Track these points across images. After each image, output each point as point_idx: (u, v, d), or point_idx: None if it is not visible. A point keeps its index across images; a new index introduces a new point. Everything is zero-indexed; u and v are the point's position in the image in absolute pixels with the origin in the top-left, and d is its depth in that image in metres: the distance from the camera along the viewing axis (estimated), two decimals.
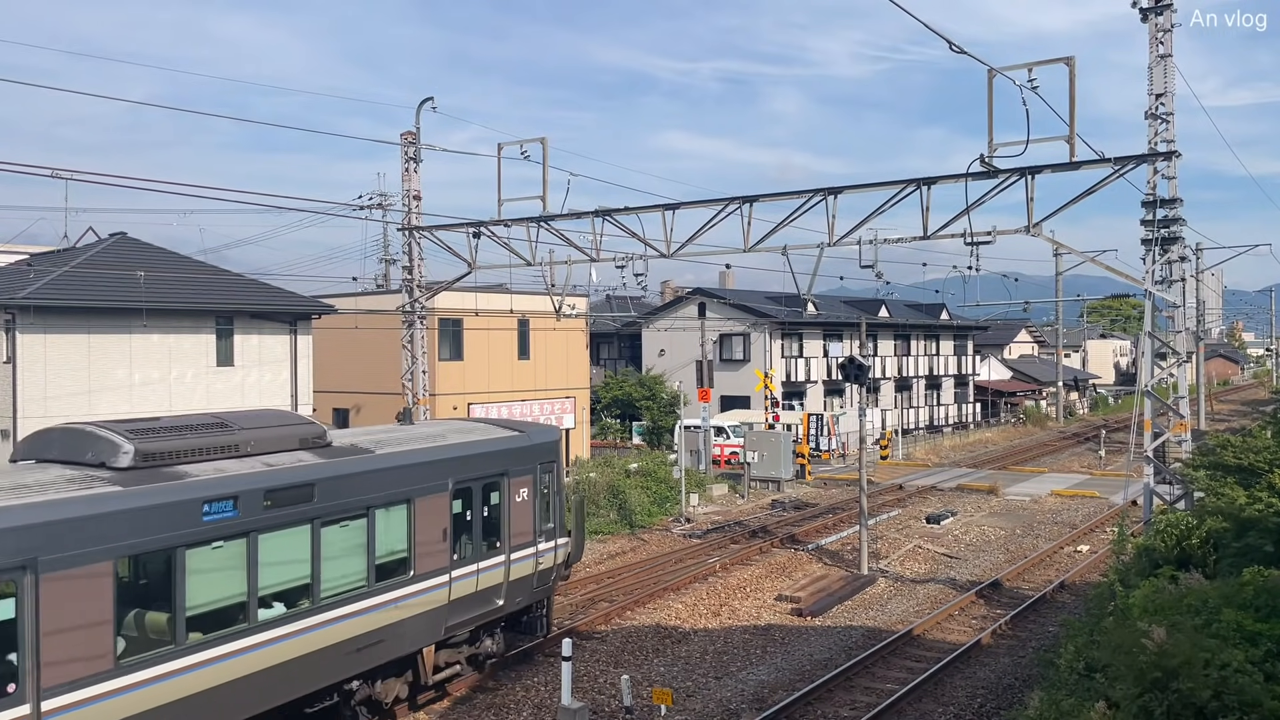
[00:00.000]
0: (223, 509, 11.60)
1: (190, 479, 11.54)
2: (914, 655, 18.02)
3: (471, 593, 15.40)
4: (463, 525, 15.35)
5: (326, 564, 12.91)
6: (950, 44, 14.99)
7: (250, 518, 11.87)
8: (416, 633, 14.44)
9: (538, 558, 16.85)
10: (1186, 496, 19.17)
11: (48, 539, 9.84)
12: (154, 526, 10.87)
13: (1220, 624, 10.03)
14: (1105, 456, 45.88)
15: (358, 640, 13.36)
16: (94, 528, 10.25)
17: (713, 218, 23.13)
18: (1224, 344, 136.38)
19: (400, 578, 14.07)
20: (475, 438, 16.28)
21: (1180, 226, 19.30)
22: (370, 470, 13.71)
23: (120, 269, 27.71)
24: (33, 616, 9.68)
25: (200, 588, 11.36)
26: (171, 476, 11.45)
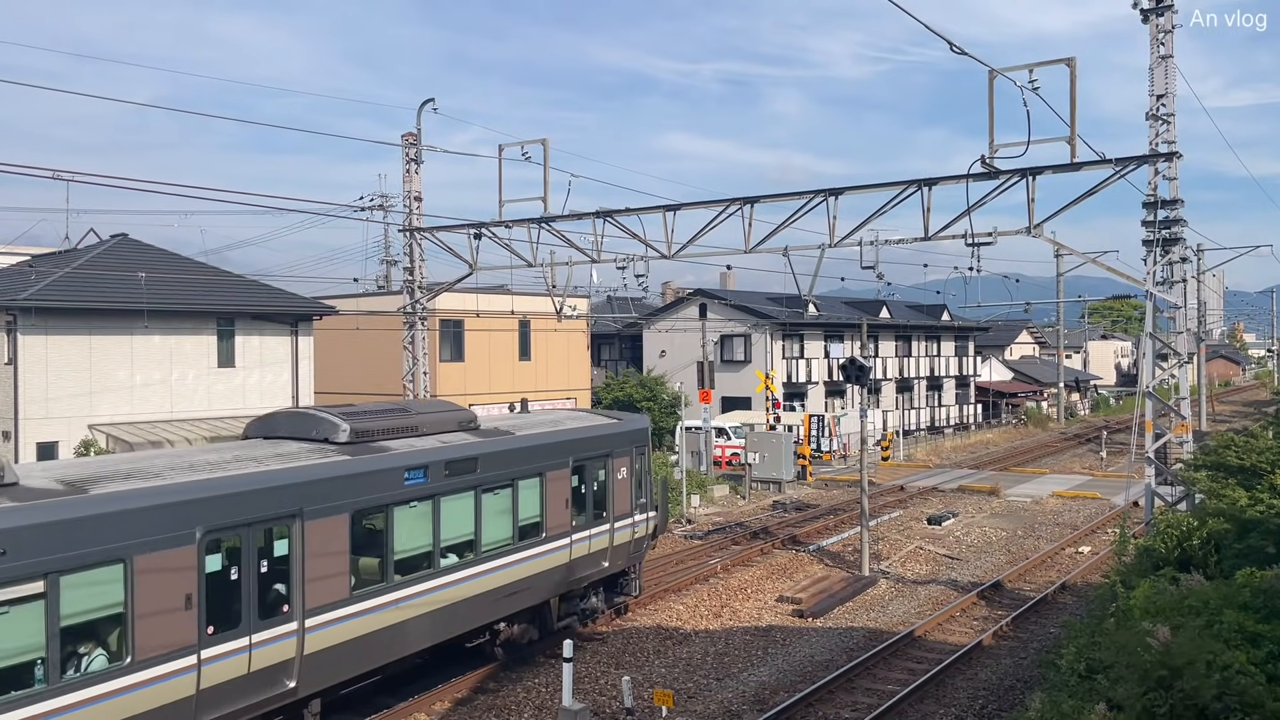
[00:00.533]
0: (417, 476, 14.35)
1: (393, 452, 14.21)
2: (915, 656, 18.01)
3: (585, 554, 17.99)
4: (579, 497, 17.92)
5: (485, 524, 15.62)
6: (951, 45, 15.00)
7: (435, 484, 14.62)
8: (546, 585, 17.14)
9: (634, 527, 19.53)
10: (1188, 497, 19.16)
11: (309, 495, 12.61)
12: (373, 488, 13.58)
13: (1222, 625, 10.03)
14: (1106, 458, 45.86)
15: (506, 589, 16.03)
16: (336, 488, 13.00)
17: (714, 219, 23.14)
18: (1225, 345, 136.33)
19: (535, 539, 16.72)
20: (587, 424, 19.03)
21: (1181, 227, 19.30)
22: (514, 449, 16.43)
23: (121, 270, 27.73)
24: (300, 554, 12.40)
25: (402, 538, 14.10)
26: (379, 450, 14.11)
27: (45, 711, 9.67)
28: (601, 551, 18.47)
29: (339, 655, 13.02)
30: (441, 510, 14.74)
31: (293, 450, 13.45)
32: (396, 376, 31.72)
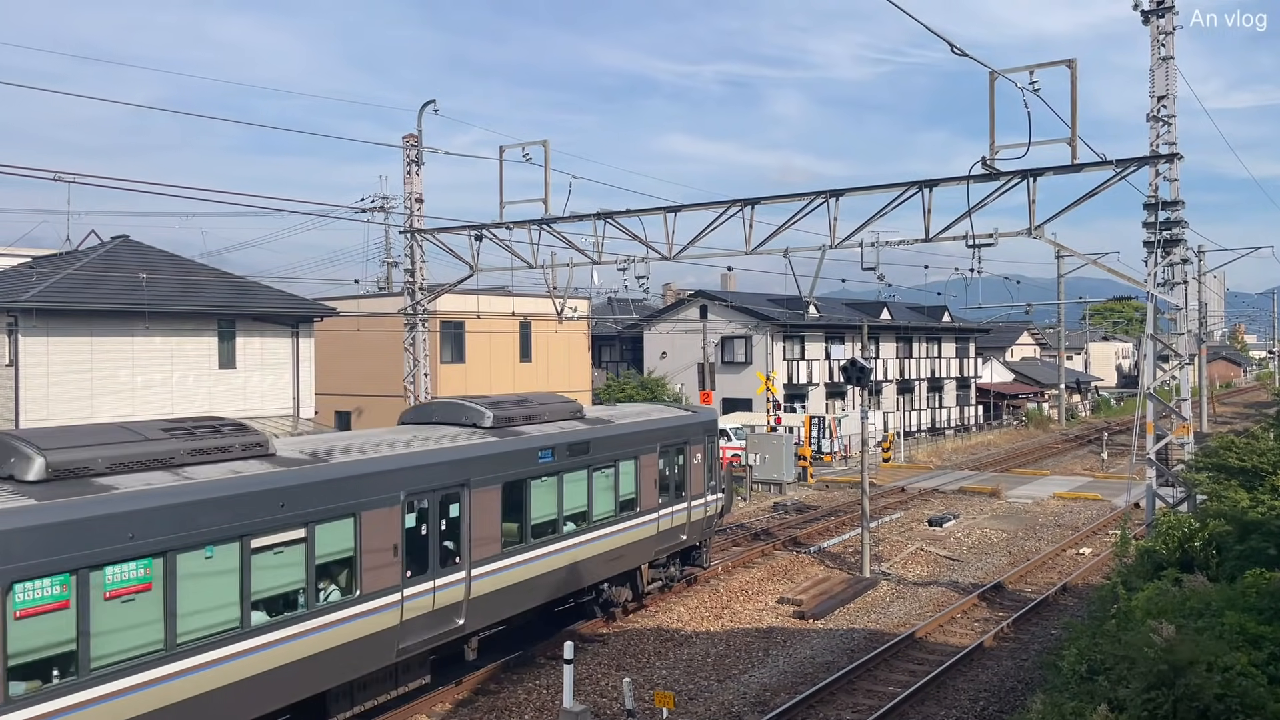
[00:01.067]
0: (546, 455, 17.23)
1: (527, 435, 17.16)
2: (916, 658, 18.00)
3: (669, 528, 20.90)
4: (664, 478, 20.73)
5: (595, 498, 18.50)
6: (952, 46, 15.00)
7: (559, 462, 17.47)
8: (639, 553, 20.02)
9: (706, 506, 22.31)
10: (1189, 499, 19.14)
11: (474, 469, 15.51)
12: (516, 464, 16.47)
13: (1223, 627, 10.03)
14: (1107, 459, 45.83)
15: (610, 554, 18.91)
16: (491, 463, 15.93)
17: (714, 220, 23.14)
18: (1226, 346, 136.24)
19: (631, 512, 19.53)
20: (668, 415, 21.94)
21: (1182, 229, 19.28)
22: (615, 434, 19.28)
23: (122, 272, 27.74)
24: (467, 517, 15.33)
25: (536, 507, 16.91)
26: (517, 434, 17.04)
27: (305, 630, 12.56)
28: (680, 526, 21.39)
29: (493, 601, 15.97)
30: (564, 485, 17.71)
31: (454, 433, 16.41)
32: (397, 378, 31.72)
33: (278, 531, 12.22)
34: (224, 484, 11.77)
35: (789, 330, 50.57)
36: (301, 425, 29.62)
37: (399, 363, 31.50)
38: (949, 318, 63.52)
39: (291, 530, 12.40)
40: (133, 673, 10.49)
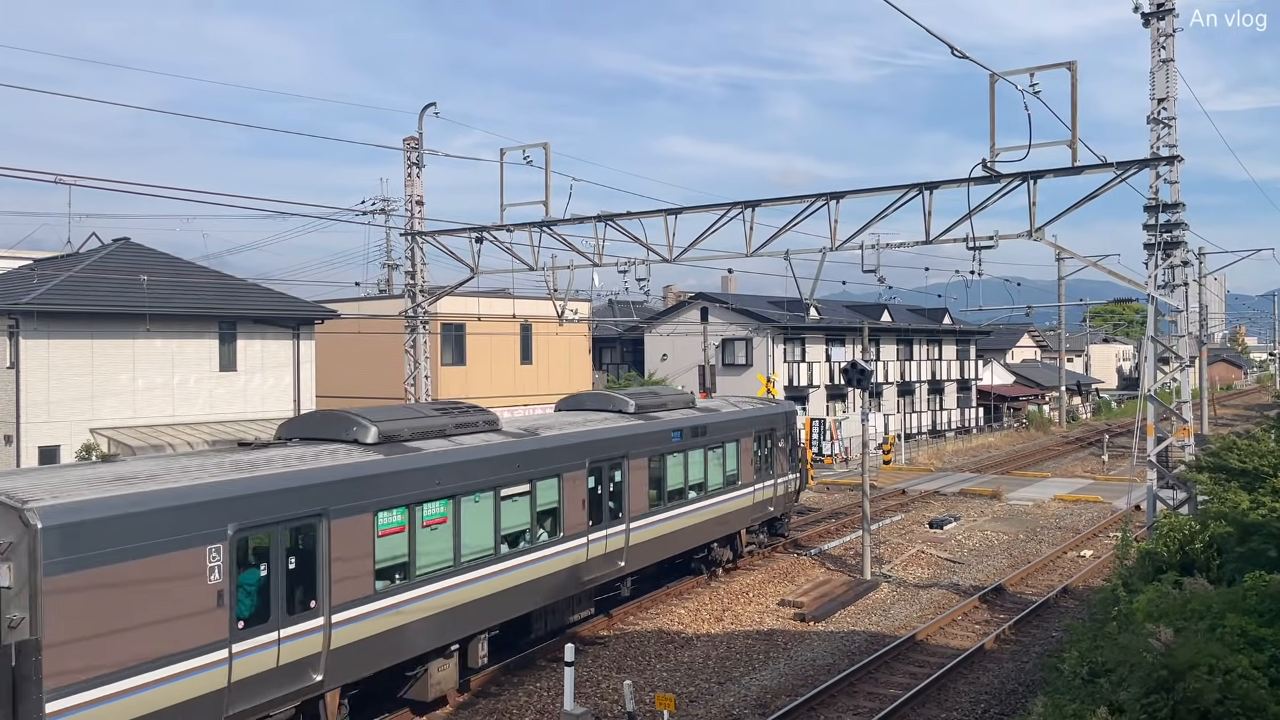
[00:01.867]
0: (677, 436, 21.50)
1: (663, 420, 21.44)
2: (917, 660, 17.99)
3: (761, 500, 25.02)
4: (758, 458, 24.79)
5: (710, 472, 22.69)
6: (952, 49, 15.01)
7: (685, 442, 21.74)
8: (739, 520, 24.10)
9: (788, 484, 26.76)
10: (1190, 501, 19.14)
11: (630, 444, 19.75)
12: (656, 442, 20.69)
13: (1224, 629, 10.02)
14: (1108, 461, 45.82)
15: (720, 519, 23.14)
16: (639, 440, 20.11)
17: (715, 222, 23.16)
18: (1227, 348, 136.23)
19: (733, 486, 23.69)
20: (759, 406, 26.39)
21: (1183, 231, 19.28)
22: (724, 421, 23.64)
23: (123, 274, 27.76)
24: (626, 482, 19.46)
25: (671, 478, 21.22)
26: (654, 418, 21.36)
27: (529, 560, 16.87)
28: (769, 500, 25.50)
29: (644, 549, 20.15)
30: (689, 460, 21.86)
31: (609, 417, 20.48)
32: (398, 380, 31.73)
33: (515, 485, 16.57)
34: (483, 449, 16.10)
35: (789, 332, 50.57)
36: None
37: (400, 365, 31.51)
38: (950, 320, 63.50)
39: (522, 485, 16.73)
40: (437, 579, 14.80)
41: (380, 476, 13.85)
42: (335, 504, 12.93)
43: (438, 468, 14.86)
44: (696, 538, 22.24)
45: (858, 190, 21.75)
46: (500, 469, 16.09)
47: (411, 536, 14.31)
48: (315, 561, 12.69)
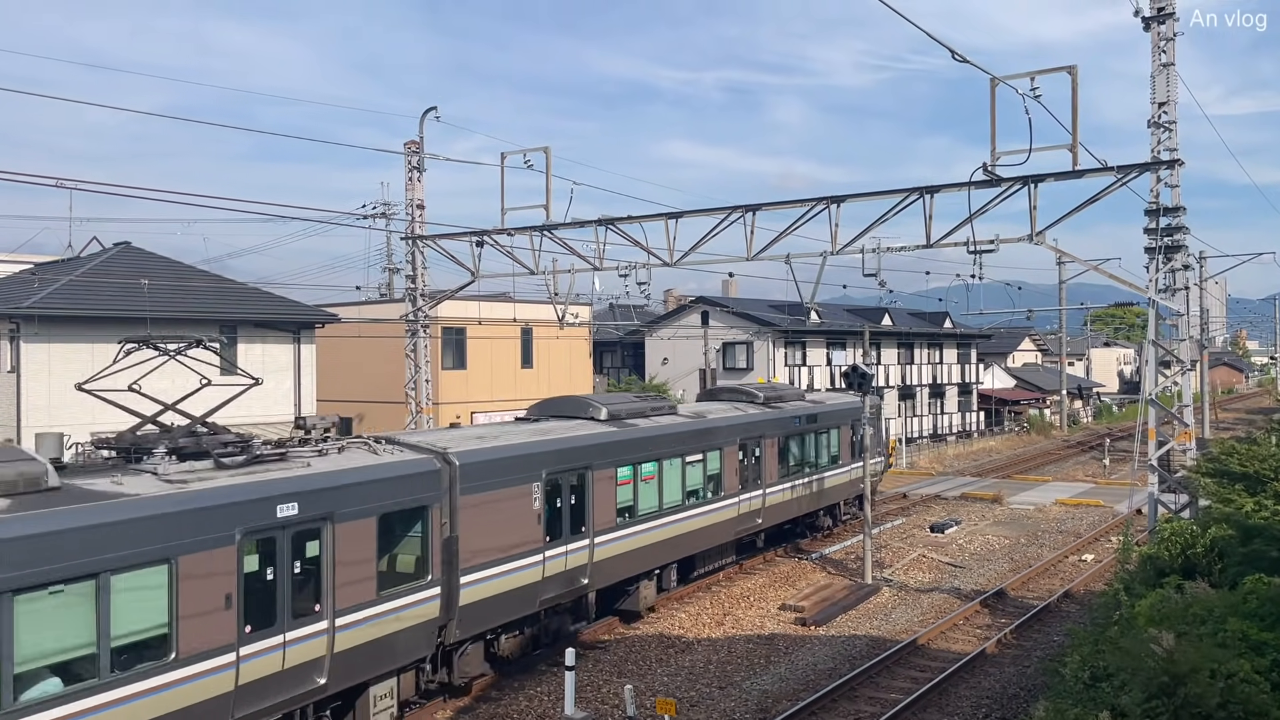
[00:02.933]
0: (798, 422, 26.52)
1: (786, 409, 26.39)
2: (918, 665, 17.96)
3: (856, 478, 28.92)
4: (852, 443, 29.51)
5: (820, 452, 27.79)
6: (953, 53, 15.01)
7: (802, 427, 26.67)
8: (839, 493, 29.14)
9: (877, 466, 30.85)
10: (1191, 505, 19.11)
11: (765, 427, 24.77)
12: (783, 426, 25.57)
13: (1226, 633, 9.99)
14: (1109, 465, 45.76)
15: (825, 491, 28.09)
16: (772, 425, 25.20)
17: (716, 226, 23.15)
18: (1228, 352, 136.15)
19: (836, 464, 28.74)
20: (854, 399, 28.61)
21: (1184, 235, 19.26)
22: (829, 410, 28.56)
23: (124, 278, 27.76)
24: (764, 455, 24.48)
25: (791, 455, 26.19)
26: (778, 407, 26.15)
27: (701, 511, 21.98)
28: (859, 479, 28.22)
29: (775, 510, 25.42)
30: (805, 442, 26.96)
31: (745, 406, 25.39)
32: (399, 384, 31.72)
33: (693, 454, 21.73)
34: (673, 426, 21.47)
35: (790, 336, 50.56)
36: None
37: (400, 369, 31.50)
38: (950, 324, 63.47)
39: (697, 454, 21.88)
40: (648, 520, 20.08)
41: (617, 443, 19.32)
42: (594, 461, 18.56)
43: (647, 438, 20.33)
44: (811, 505, 27.54)
45: (859, 194, 21.75)
46: (685, 441, 21.59)
47: (635, 488, 19.76)
48: (585, 499, 18.23)
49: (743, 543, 24.82)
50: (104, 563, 10.31)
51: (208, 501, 11.52)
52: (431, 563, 14.59)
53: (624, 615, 20.28)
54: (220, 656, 11.45)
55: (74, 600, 10.17)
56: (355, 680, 13.38)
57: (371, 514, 13.53)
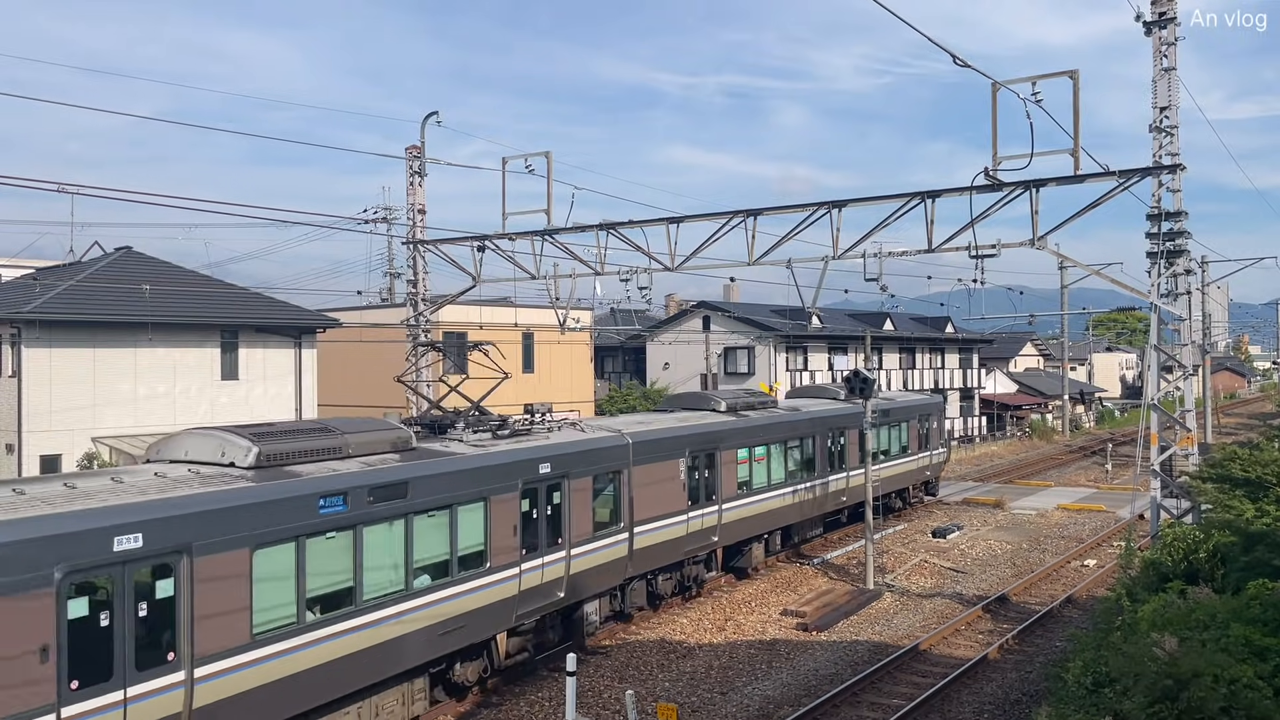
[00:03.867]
0: (886, 417, 30.63)
1: (885, 403, 31.04)
2: (920, 670, 17.91)
3: (923, 465, 34.88)
4: (920, 435, 34.33)
5: (894, 443, 32.30)
6: (954, 58, 15.01)
7: (883, 419, 29.99)
8: (909, 478, 33.91)
9: (939, 456, 36.59)
10: (1194, 510, 19.06)
11: (852, 420, 28.32)
12: (862, 420, 25.55)
13: (1229, 639, 9.95)
14: (1112, 470, 45.69)
15: (899, 477, 32.84)
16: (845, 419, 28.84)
17: (717, 231, 23.14)
18: (1230, 357, 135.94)
19: (908, 453, 33.38)
20: (923, 398, 35.92)
21: (1185, 240, 19.25)
22: (901, 407, 32.96)
23: (125, 283, 27.78)
24: (848, 444, 29.23)
25: (879, 442, 30.19)
26: (858, 404, 26.46)
27: (798, 488, 26.27)
28: (926, 466, 35.11)
29: (856, 491, 28.73)
30: (888, 432, 31.72)
31: (833, 401, 29.95)
32: (400, 388, 31.69)
33: (793, 440, 26.52)
34: (775, 416, 26.05)
35: (792, 341, 50.53)
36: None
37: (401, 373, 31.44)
38: (952, 329, 63.43)
39: (795, 440, 26.58)
40: (759, 494, 24.57)
41: (737, 429, 23.87)
42: (721, 443, 23.05)
43: (758, 427, 24.91)
44: (891, 485, 32.00)
45: (860, 199, 21.72)
46: (785, 430, 26.01)
47: (750, 466, 24.28)
48: (715, 473, 22.71)
49: (828, 519, 29.27)
50: (454, 498, 15.13)
51: (502, 460, 16.30)
52: (623, 514, 19.35)
53: (738, 571, 24.83)
54: (510, 569, 16.21)
55: (439, 522, 14.94)
56: (579, 597, 18.18)
57: (590, 474, 18.27)
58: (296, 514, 12.49)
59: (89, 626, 10.28)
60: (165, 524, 10.98)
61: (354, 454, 14.34)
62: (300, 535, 12.55)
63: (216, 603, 11.45)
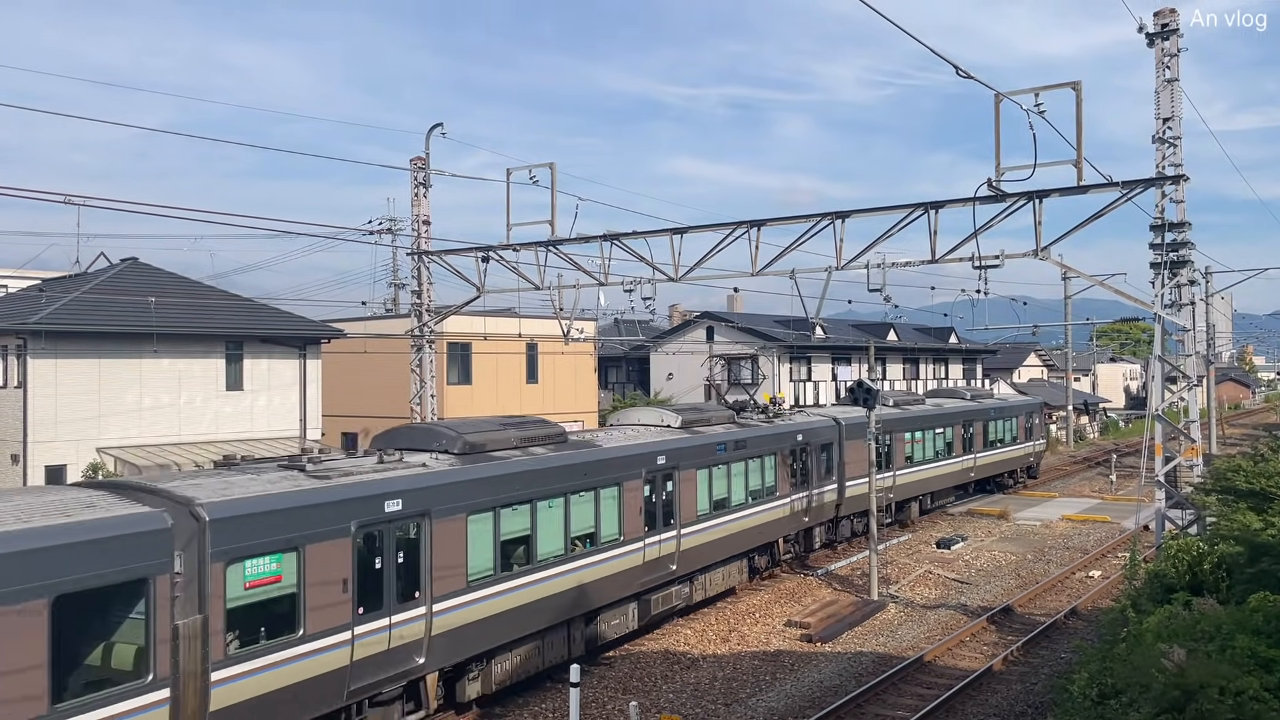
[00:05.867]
0: (991, 413, 39.82)
1: (984, 404, 40.24)
2: (925, 682, 17.87)
3: (1026, 453, 43.30)
4: (1026, 428, 42.59)
5: (1004, 433, 40.95)
6: (957, 69, 15.06)
7: (994, 416, 39.99)
8: (1015, 463, 42.45)
9: (1039, 447, 45.11)
10: (1199, 521, 19.02)
11: (978, 414, 38.78)
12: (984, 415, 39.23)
13: (1234, 650, 9.93)
14: (1116, 481, 45.58)
15: (1008, 460, 41.63)
16: (980, 413, 38.98)
17: (720, 242, 23.20)
18: (1235, 368, 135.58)
19: (1015, 442, 41.96)
20: (1025, 399, 44.28)
21: (1189, 250, 19.27)
22: (1009, 406, 42.02)
23: (131, 294, 27.87)
24: (976, 432, 38.26)
25: (990, 434, 39.81)
26: (981, 403, 40.05)
27: (943, 464, 35.70)
28: (1030, 453, 43.70)
29: (982, 468, 38.79)
30: (996, 427, 39.72)
31: (961, 401, 38.89)
32: (404, 399, 31.73)
33: (939, 428, 34.72)
34: (927, 410, 35.14)
35: (795, 351, 50.54)
36: (309, 446, 30.27)
37: (406, 384, 31.52)
38: (956, 339, 63.40)
39: (940, 429, 34.77)
40: (925, 464, 34.19)
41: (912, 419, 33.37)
42: (897, 429, 32.16)
43: (928, 416, 34.51)
44: (998, 469, 40.60)
45: (863, 210, 21.78)
46: (934, 421, 34.56)
47: (913, 446, 33.27)
48: (893, 450, 31.45)
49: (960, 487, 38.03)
50: (761, 450, 24.49)
51: (782, 430, 25.90)
52: (835, 471, 28.22)
53: (901, 524, 33.12)
54: (787, 497, 25.80)
55: (755, 466, 24.33)
56: (846, 513, 28.99)
57: (820, 442, 27.53)
58: (709, 453, 22.09)
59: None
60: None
61: (717, 422, 23.93)
62: (710, 465, 22.07)
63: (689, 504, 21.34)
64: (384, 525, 13.70)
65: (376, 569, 13.63)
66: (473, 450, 16.10)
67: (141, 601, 10.81)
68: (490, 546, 15.48)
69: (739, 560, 23.60)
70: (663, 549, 19.72)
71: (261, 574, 12.18)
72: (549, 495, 16.72)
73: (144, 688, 10.68)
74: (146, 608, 10.81)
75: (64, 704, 9.99)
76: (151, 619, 10.82)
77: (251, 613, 12.03)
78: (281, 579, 12.37)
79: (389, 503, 13.70)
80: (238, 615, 11.85)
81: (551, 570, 16.73)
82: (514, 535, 16.10)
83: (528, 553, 16.35)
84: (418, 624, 14.03)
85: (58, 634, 9.99)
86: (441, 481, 14.78)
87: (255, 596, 12.07)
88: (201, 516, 11.50)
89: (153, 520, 11.06)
